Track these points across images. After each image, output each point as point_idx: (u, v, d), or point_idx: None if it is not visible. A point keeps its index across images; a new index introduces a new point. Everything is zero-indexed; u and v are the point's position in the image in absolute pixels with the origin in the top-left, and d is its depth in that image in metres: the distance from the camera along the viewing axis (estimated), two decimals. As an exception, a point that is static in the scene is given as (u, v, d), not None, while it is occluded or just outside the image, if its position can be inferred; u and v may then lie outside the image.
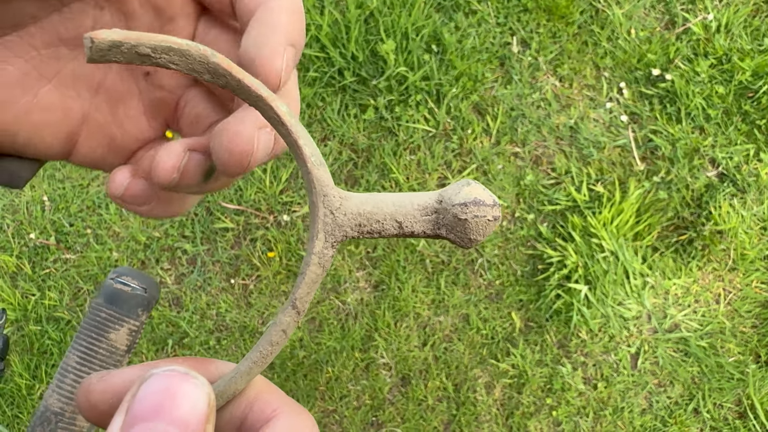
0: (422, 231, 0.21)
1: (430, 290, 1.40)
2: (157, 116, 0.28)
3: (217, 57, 0.19)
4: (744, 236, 1.41)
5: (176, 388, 0.17)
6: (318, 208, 0.20)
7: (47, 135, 0.25)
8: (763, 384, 1.36)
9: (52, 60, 0.24)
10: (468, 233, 0.20)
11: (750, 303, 1.41)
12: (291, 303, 0.20)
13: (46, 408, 0.63)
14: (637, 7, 1.53)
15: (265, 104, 0.20)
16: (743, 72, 1.46)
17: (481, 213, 0.20)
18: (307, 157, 0.20)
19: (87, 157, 0.27)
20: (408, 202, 0.21)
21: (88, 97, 0.26)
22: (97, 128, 0.26)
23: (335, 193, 0.20)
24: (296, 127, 0.20)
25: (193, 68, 0.20)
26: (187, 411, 0.17)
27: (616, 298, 1.39)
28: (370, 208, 0.20)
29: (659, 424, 1.35)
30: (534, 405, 1.36)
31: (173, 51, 0.19)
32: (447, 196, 0.20)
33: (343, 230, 0.20)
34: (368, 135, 1.47)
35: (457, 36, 1.50)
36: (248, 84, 0.20)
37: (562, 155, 1.47)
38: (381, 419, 1.35)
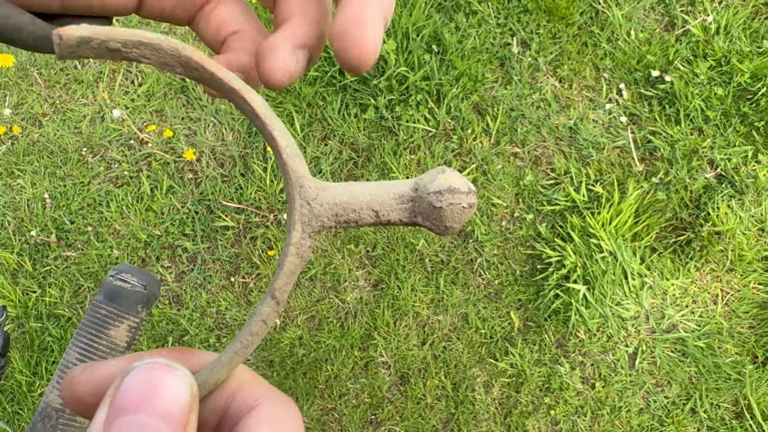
0: (398, 219, 0.21)
1: (430, 289, 1.41)
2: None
3: (188, 50, 0.19)
4: (742, 237, 1.42)
5: (158, 380, 0.17)
6: (294, 200, 0.20)
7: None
8: (760, 384, 1.37)
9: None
10: (443, 221, 0.20)
11: (747, 304, 1.42)
12: (270, 293, 0.20)
13: (47, 404, 0.64)
14: (637, 9, 1.54)
15: (239, 96, 0.20)
16: (742, 74, 1.47)
17: (456, 201, 0.20)
18: (282, 149, 0.20)
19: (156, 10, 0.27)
20: (384, 192, 0.21)
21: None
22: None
23: (311, 184, 0.20)
24: (271, 119, 0.20)
25: (165, 62, 0.20)
26: (170, 402, 0.17)
27: (614, 298, 1.39)
28: (347, 198, 0.21)
29: (656, 424, 1.36)
30: (532, 404, 1.37)
31: (144, 45, 0.19)
32: (422, 185, 0.20)
33: (320, 220, 0.21)
34: (368, 134, 1.48)
35: (457, 36, 1.50)
36: (221, 77, 0.20)
37: (561, 156, 1.48)
38: (380, 417, 1.36)
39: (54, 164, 1.52)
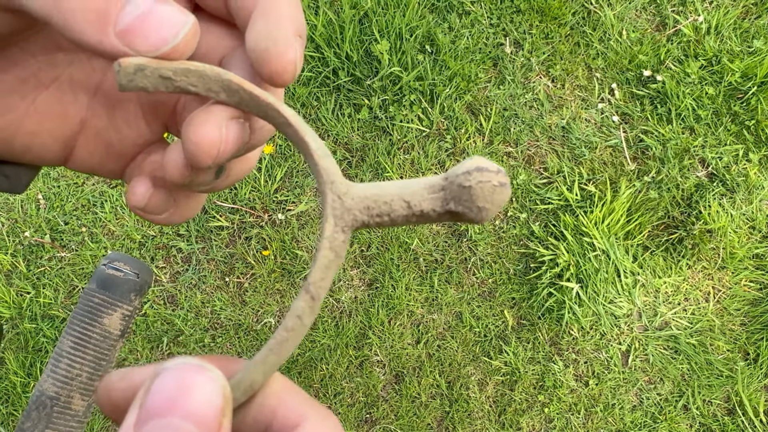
0: (431, 209, 0.21)
1: (424, 288, 1.42)
2: (156, 119, 0.27)
3: (228, 74, 0.21)
4: (733, 235, 1.43)
5: (189, 381, 0.16)
6: (326, 195, 0.21)
7: (45, 141, 0.25)
8: (751, 381, 1.38)
9: (50, 66, 0.24)
10: (475, 200, 0.20)
11: (739, 301, 1.43)
12: (305, 288, 0.20)
13: (41, 393, 0.64)
14: (628, 9, 1.55)
15: (274, 110, 0.21)
16: (733, 73, 1.48)
17: (485, 178, 0.20)
18: (314, 150, 0.21)
19: (85, 163, 0.26)
20: (414, 183, 0.21)
21: (86, 102, 0.26)
22: (95, 133, 0.26)
23: (342, 180, 0.21)
24: (302, 126, 0.21)
25: (210, 88, 0.21)
26: (201, 404, 0.16)
27: (607, 296, 1.40)
28: (377, 190, 0.21)
29: (649, 421, 1.37)
30: (526, 402, 1.37)
31: (191, 72, 0.20)
32: (452, 172, 0.20)
33: (352, 213, 0.21)
34: (362, 134, 1.48)
35: (450, 36, 1.51)
36: (257, 94, 0.21)
37: (554, 155, 1.49)
38: (375, 416, 1.36)
39: (48, 165, 1.52)
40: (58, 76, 0.25)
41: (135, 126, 0.27)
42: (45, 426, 0.64)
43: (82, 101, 0.26)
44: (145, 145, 0.28)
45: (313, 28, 1.48)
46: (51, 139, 0.25)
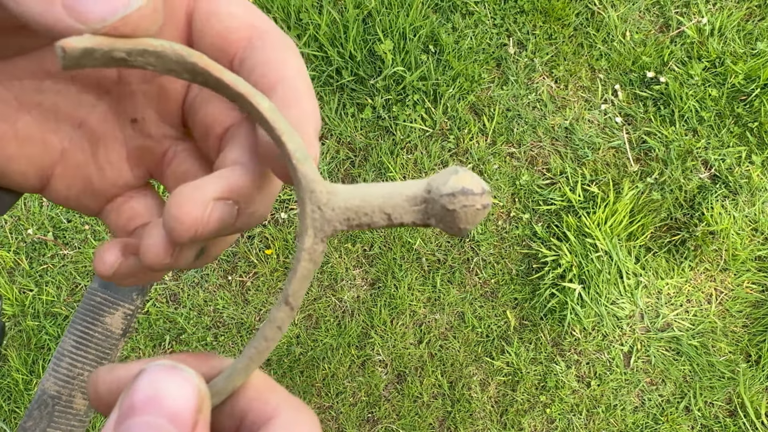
0: (411, 221, 0.20)
1: (426, 288, 1.42)
2: (141, 164, 0.27)
3: (194, 56, 0.19)
4: (735, 237, 1.43)
5: (165, 382, 0.17)
6: (305, 204, 0.20)
7: (22, 167, 0.24)
8: (753, 382, 1.38)
9: (35, 91, 0.24)
10: (457, 223, 0.20)
11: (741, 303, 1.43)
12: (284, 299, 0.20)
13: (43, 392, 0.64)
14: (632, 10, 1.55)
15: (246, 101, 0.20)
16: (736, 75, 1.48)
17: (469, 202, 0.20)
18: (291, 153, 0.20)
19: (61, 195, 0.26)
20: (396, 194, 0.20)
21: (69, 133, 0.25)
22: (75, 167, 0.25)
23: (322, 188, 0.20)
24: (278, 122, 0.20)
25: (171, 68, 0.20)
26: (176, 403, 0.17)
27: (609, 298, 1.40)
28: (358, 202, 0.20)
29: (651, 422, 1.37)
30: (528, 402, 1.37)
31: (148, 53, 0.19)
32: (435, 186, 0.20)
33: (332, 225, 0.20)
34: (366, 134, 1.48)
35: (454, 37, 1.51)
36: (227, 81, 0.20)
37: (557, 156, 1.49)
38: (377, 416, 1.36)
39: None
40: (42, 102, 0.24)
41: (117, 167, 0.26)
42: (47, 425, 0.64)
43: (64, 132, 0.25)
44: (126, 188, 0.27)
45: (316, 27, 1.48)
46: (28, 165, 0.24)
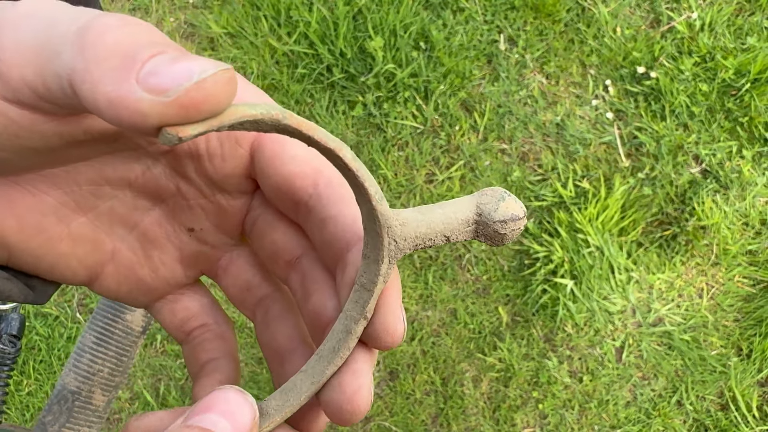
0: (464, 239, 0.24)
1: (418, 285, 1.42)
2: (195, 267, 0.27)
3: (287, 119, 0.21)
4: (726, 232, 1.43)
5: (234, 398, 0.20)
6: (383, 238, 0.23)
7: (72, 264, 0.25)
8: (744, 376, 1.38)
9: (92, 196, 0.24)
10: (505, 242, 0.24)
11: (732, 297, 1.43)
12: (363, 315, 0.23)
13: (63, 387, 0.64)
14: (622, 6, 1.55)
15: (334, 155, 0.22)
16: (726, 70, 1.48)
17: (517, 227, 0.23)
18: (372, 195, 0.22)
19: (111, 291, 0.26)
20: (454, 218, 0.23)
21: (122, 235, 0.25)
22: (127, 266, 0.26)
23: (396, 223, 0.23)
24: (361, 170, 0.22)
25: (263, 129, 0.21)
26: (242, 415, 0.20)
27: (601, 293, 1.41)
28: (425, 230, 0.23)
29: (643, 417, 1.37)
30: (520, 398, 1.38)
31: (248, 122, 0.20)
32: (486, 211, 0.23)
33: (403, 252, 0.23)
34: (357, 131, 1.48)
35: (444, 33, 1.51)
36: (317, 139, 0.21)
37: (548, 152, 1.49)
38: (369, 413, 1.36)
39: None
40: (98, 206, 0.24)
41: (171, 268, 0.27)
42: (66, 420, 0.64)
43: (117, 234, 0.25)
44: (178, 286, 0.27)
45: (306, 24, 1.48)
46: (78, 263, 0.25)
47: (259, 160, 0.24)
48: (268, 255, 0.26)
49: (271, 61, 1.51)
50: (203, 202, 0.25)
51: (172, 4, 1.58)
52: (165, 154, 0.24)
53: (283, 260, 0.26)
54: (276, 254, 0.26)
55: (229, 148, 0.23)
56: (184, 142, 0.19)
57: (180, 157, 0.24)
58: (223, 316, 0.28)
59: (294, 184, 0.24)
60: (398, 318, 0.23)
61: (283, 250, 0.25)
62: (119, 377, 0.67)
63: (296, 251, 0.25)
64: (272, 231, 0.25)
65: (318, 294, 0.25)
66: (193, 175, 0.24)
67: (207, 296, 0.28)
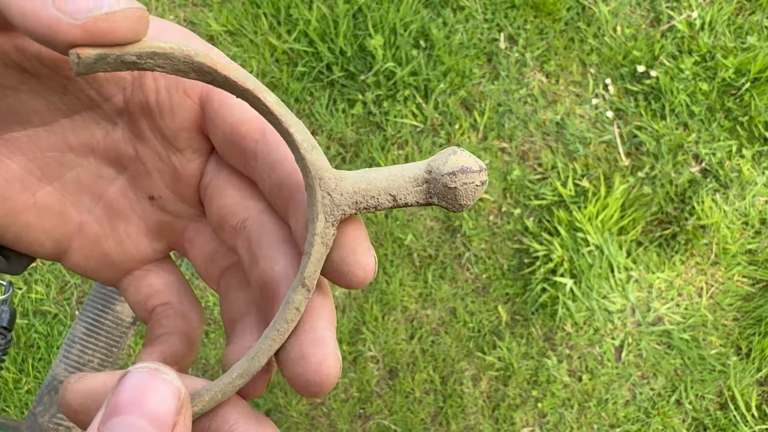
0: (415, 201, 0.22)
1: (418, 284, 1.42)
2: (160, 239, 0.27)
3: (200, 56, 0.20)
4: (726, 231, 1.43)
5: (146, 384, 0.18)
6: (315, 191, 0.21)
7: (38, 236, 0.24)
8: (743, 375, 1.38)
9: (57, 163, 0.24)
10: (458, 200, 0.21)
11: (732, 296, 1.43)
12: (300, 282, 0.21)
13: (53, 377, 0.64)
14: (623, 5, 1.55)
15: (253, 96, 0.21)
16: (726, 69, 1.48)
17: (469, 180, 0.21)
18: (299, 143, 0.21)
19: (79, 266, 0.26)
20: (400, 176, 0.22)
21: (88, 206, 0.25)
22: (93, 240, 0.26)
23: (330, 175, 0.21)
24: (286, 116, 0.21)
25: (179, 68, 0.20)
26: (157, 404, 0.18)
27: (600, 292, 1.41)
28: (365, 185, 0.21)
29: (642, 416, 1.37)
30: (520, 397, 1.38)
31: (158, 55, 0.20)
32: (435, 166, 0.21)
33: (341, 209, 0.21)
34: (356, 130, 1.48)
35: (445, 32, 1.50)
36: (234, 78, 0.20)
37: (548, 150, 1.49)
38: (368, 411, 1.36)
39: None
40: (63, 175, 0.24)
41: (136, 241, 0.27)
42: (57, 410, 0.64)
43: (83, 204, 0.25)
44: (145, 261, 0.27)
45: (306, 23, 1.48)
46: (45, 235, 0.25)
47: (208, 110, 0.23)
48: (217, 221, 0.25)
49: (271, 59, 1.50)
50: (160, 166, 0.25)
51: (171, 2, 1.57)
52: (121, 115, 0.24)
53: (229, 225, 0.25)
54: (223, 220, 0.25)
55: (177, 99, 0.23)
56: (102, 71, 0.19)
57: (135, 116, 0.24)
58: (190, 297, 0.28)
59: (241, 131, 0.23)
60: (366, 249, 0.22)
61: (229, 214, 0.25)
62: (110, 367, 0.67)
63: (242, 214, 0.25)
64: (220, 195, 0.25)
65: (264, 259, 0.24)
66: (149, 133, 0.24)
67: (174, 274, 0.28)
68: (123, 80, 0.23)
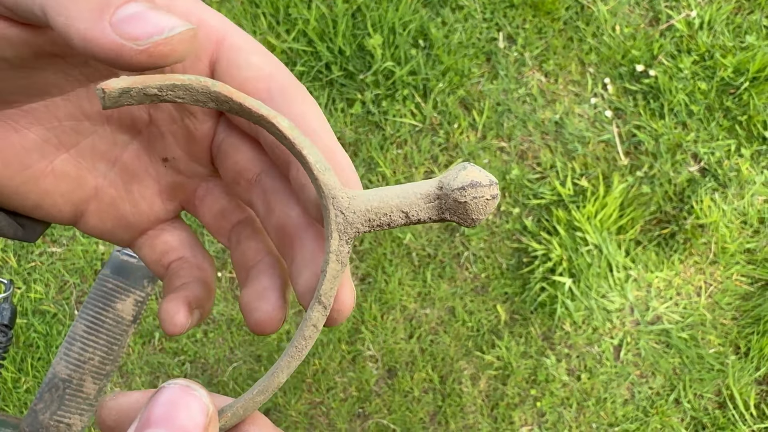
0: (428, 217, 0.22)
1: (417, 283, 1.42)
2: (173, 199, 0.28)
3: (217, 86, 0.21)
4: (725, 230, 1.43)
5: (178, 400, 0.19)
6: (329, 210, 0.22)
7: (57, 201, 0.26)
8: (742, 375, 1.39)
9: (73, 131, 0.25)
10: (469, 214, 0.22)
11: (730, 295, 1.44)
12: (317, 299, 0.22)
13: (54, 375, 0.65)
14: (622, 4, 1.55)
15: (268, 122, 0.22)
16: (725, 69, 1.48)
17: (479, 194, 0.21)
18: (313, 165, 0.21)
19: (96, 229, 0.27)
20: (411, 193, 0.22)
21: (104, 171, 0.26)
22: (109, 202, 0.27)
23: (343, 195, 0.22)
24: (299, 138, 0.22)
25: (198, 99, 0.21)
26: (187, 420, 0.19)
27: (599, 291, 1.41)
28: (377, 203, 0.22)
29: (641, 414, 1.38)
30: (519, 396, 1.38)
31: (177, 87, 0.21)
32: (446, 182, 0.22)
33: (355, 227, 0.22)
34: (355, 129, 1.48)
35: (444, 31, 1.50)
36: (249, 106, 0.21)
37: (547, 150, 1.49)
38: (368, 411, 1.36)
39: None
40: (79, 142, 0.25)
41: (150, 201, 0.28)
42: (57, 407, 0.64)
43: (99, 170, 0.26)
44: (158, 221, 0.28)
45: (305, 22, 1.48)
46: (63, 200, 0.26)
47: (218, 71, 0.24)
48: (232, 177, 0.26)
49: (270, 58, 1.50)
50: (174, 128, 0.26)
51: (170, 2, 1.57)
52: None
53: (244, 180, 0.26)
54: (239, 175, 0.26)
55: (189, 63, 0.24)
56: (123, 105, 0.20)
57: None
58: (202, 251, 0.29)
59: (247, 90, 0.24)
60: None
61: (244, 169, 0.26)
62: (110, 366, 0.67)
63: (256, 168, 0.26)
64: (235, 152, 0.26)
65: (280, 205, 0.25)
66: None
67: (186, 231, 0.29)
68: None
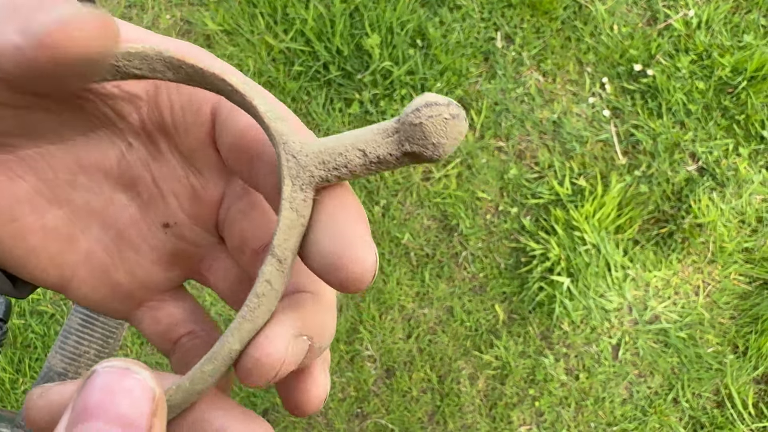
0: (388, 153, 0.20)
1: (415, 283, 1.42)
2: (175, 268, 0.26)
3: (169, 51, 0.20)
4: (723, 229, 1.43)
5: (116, 385, 0.16)
6: (280, 156, 0.20)
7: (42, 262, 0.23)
8: (740, 374, 1.39)
9: (68, 186, 0.23)
10: (429, 138, 0.19)
11: (728, 295, 1.44)
12: (270, 251, 0.20)
13: (49, 368, 0.65)
14: (619, 3, 1.55)
15: (219, 79, 0.20)
16: (723, 68, 1.48)
17: (434, 113, 0.19)
18: (263, 114, 0.20)
19: (87, 298, 0.25)
20: (368, 130, 0.20)
21: (96, 234, 0.24)
22: (101, 269, 0.24)
23: (295, 139, 0.20)
24: (250, 91, 0.20)
25: (155, 68, 0.20)
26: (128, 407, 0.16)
27: (597, 291, 1.41)
28: (332, 144, 0.20)
29: (639, 414, 1.38)
30: (517, 395, 1.38)
31: (132, 55, 0.20)
32: (403, 113, 0.20)
33: (308, 170, 0.20)
34: (353, 129, 1.48)
35: (441, 31, 1.50)
36: (201, 66, 0.20)
37: (545, 149, 1.49)
38: (366, 410, 1.36)
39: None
40: (74, 199, 0.23)
41: (148, 270, 0.25)
42: None
43: (92, 231, 0.24)
44: (158, 291, 0.26)
45: (303, 22, 1.48)
46: (49, 261, 0.23)
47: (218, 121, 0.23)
48: (236, 245, 0.25)
49: (268, 58, 1.50)
50: (178, 188, 0.24)
51: (168, 1, 1.57)
52: (138, 135, 0.24)
53: (250, 249, 0.24)
54: (244, 243, 0.24)
55: (191, 115, 0.23)
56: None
57: (152, 135, 0.24)
58: (209, 321, 0.27)
59: (248, 137, 0.22)
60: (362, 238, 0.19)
61: (253, 237, 0.24)
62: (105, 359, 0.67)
63: (266, 237, 0.24)
64: (243, 218, 0.24)
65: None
66: (167, 153, 0.24)
67: (191, 301, 0.27)
68: (138, 99, 0.23)
